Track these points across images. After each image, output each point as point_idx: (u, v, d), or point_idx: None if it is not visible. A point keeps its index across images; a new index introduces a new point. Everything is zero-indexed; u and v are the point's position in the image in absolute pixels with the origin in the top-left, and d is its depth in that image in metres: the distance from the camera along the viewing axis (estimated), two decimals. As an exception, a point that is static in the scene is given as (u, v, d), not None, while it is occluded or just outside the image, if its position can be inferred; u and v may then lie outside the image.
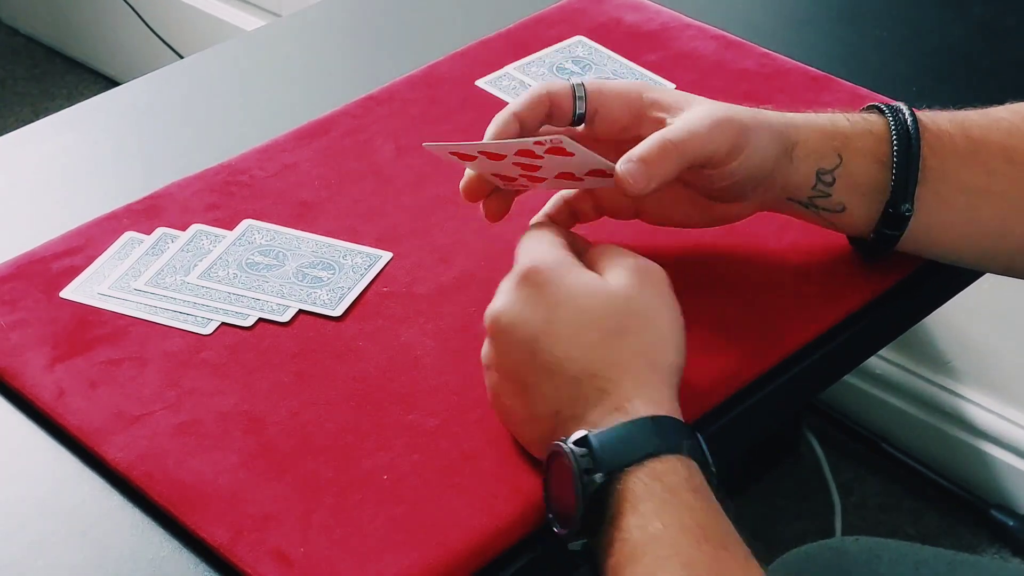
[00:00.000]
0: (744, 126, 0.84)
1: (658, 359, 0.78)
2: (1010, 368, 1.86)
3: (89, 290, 0.92)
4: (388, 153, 1.04)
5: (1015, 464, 1.88)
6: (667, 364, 0.78)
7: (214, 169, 1.02)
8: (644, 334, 0.78)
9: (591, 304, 0.78)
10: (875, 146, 0.88)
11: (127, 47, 2.62)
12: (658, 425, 0.74)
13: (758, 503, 1.93)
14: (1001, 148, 0.89)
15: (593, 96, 0.87)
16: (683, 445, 0.74)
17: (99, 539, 0.79)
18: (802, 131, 0.87)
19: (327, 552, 0.76)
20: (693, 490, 0.72)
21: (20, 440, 0.85)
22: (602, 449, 0.73)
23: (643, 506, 0.71)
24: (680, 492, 0.72)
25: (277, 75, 1.18)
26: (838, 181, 0.88)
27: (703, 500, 0.72)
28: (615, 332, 0.77)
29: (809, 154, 0.87)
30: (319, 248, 0.95)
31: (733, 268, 0.93)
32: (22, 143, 1.10)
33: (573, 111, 0.87)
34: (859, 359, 1.01)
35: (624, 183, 0.81)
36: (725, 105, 0.86)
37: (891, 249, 0.91)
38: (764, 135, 0.85)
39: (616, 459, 0.73)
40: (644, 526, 0.71)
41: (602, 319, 0.78)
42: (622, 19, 1.17)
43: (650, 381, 0.76)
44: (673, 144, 0.82)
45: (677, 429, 0.74)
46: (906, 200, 0.88)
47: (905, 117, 0.89)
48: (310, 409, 0.84)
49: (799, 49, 1.14)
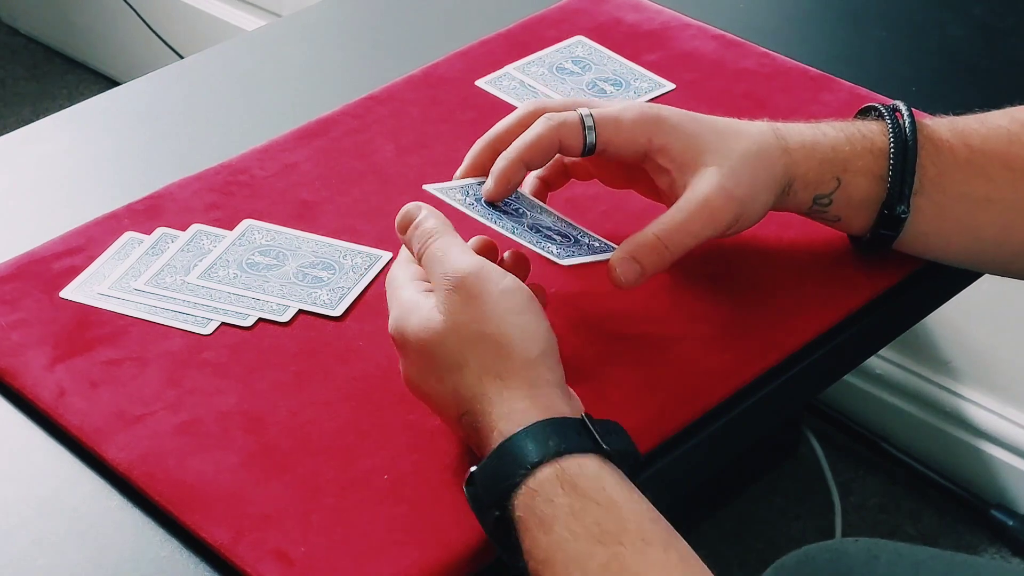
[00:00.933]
0: (742, 202, 0.86)
1: (507, 368, 0.76)
2: (1010, 368, 1.86)
3: (89, 290, 0.92)
4: (388, 153, 1.04)
5: (1015, 464, 1.88)
6: (520, 365, 0.76)
7: (214, 169, 1.02)
8: (479, 354, 0.76)
9: (427, 348, 0.78)
10: (873, 164, 0.88)
11: (127, 47, 2.62)
12: (525, 441, 0.73)
13: (758, 503, 1.93)
14: (1000, 156, 0.89)
15: (604, 130, 0.86)
16: (559, 446, 0.73)
17: (99, 539, 0.79)
18: (801, 166, 0.88)
19: (327, 552, 0.76)
20: (575, 493, 0.71)
21: (20, 440, 0.85)
22: (482, 487, 0.74)
23: (532, 525, 0.72)
24: (558, 502, 0.71)
25: (277, 75, 1.18)
26: (835, 202, 0.89)
27: (588, 499, 0.71)
28: (453, 368, 0.77)
29: (807, 186, 0.88)
30: (319, 248, 0.95)
31: (733, 268, 0.93)
32: (22, 143, 1.10)
33: (583, 143, 0.86)
34: (859, 359, 1.01)
35: (616, 278, 0.84)
36: (728, 173, 0.86)
37: (888, 247, 0.91)
38: (762, 196, 0.87)
39: (496, 492, 0.73)
40: (536, 544, 0.71)
41: (437, 360, 0.77)
42: (622, 19, 1.17)
43: (510, 395, 0.75)
44: (665, 246, 0.84)
45: (547, 433, 0.73)
46: (901, 202, 0.88)
47: (904, 124, 0.89)
48: (310, 409, 0.84)
49: (799, 49, 1.14)
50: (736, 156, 0.86)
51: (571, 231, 0.88)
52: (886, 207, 0.88)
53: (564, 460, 0.72)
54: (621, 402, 0.84)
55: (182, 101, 1.14)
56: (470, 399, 0.76)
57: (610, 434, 0.75)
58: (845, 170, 0.88)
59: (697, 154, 0.86)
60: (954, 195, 0.89)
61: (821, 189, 0.88)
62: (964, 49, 1.17)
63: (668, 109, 0.87)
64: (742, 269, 0.93)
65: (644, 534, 0.71)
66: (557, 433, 0.73)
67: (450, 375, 0.77)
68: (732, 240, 0.94)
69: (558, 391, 0.76)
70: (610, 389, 0.85)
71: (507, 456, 0.73)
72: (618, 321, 0.90)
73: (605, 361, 0.87)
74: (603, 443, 0.74)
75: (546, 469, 0.72)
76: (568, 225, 0.89)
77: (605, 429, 0.75)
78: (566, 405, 0.76)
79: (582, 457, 0.73)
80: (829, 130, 0.89)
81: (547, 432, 0.73)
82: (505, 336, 0.76)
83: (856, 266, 0.94)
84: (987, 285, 1.15)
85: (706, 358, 0.87)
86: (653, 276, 0.85)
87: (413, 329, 0.78)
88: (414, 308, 0.79)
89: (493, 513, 0.74)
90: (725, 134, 0.87)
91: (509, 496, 0.73)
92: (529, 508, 0.72)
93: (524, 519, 0.72)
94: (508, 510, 0.73)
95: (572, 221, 0.89)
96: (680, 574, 0.70)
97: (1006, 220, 0.90)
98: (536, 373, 0.76)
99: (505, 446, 0.73)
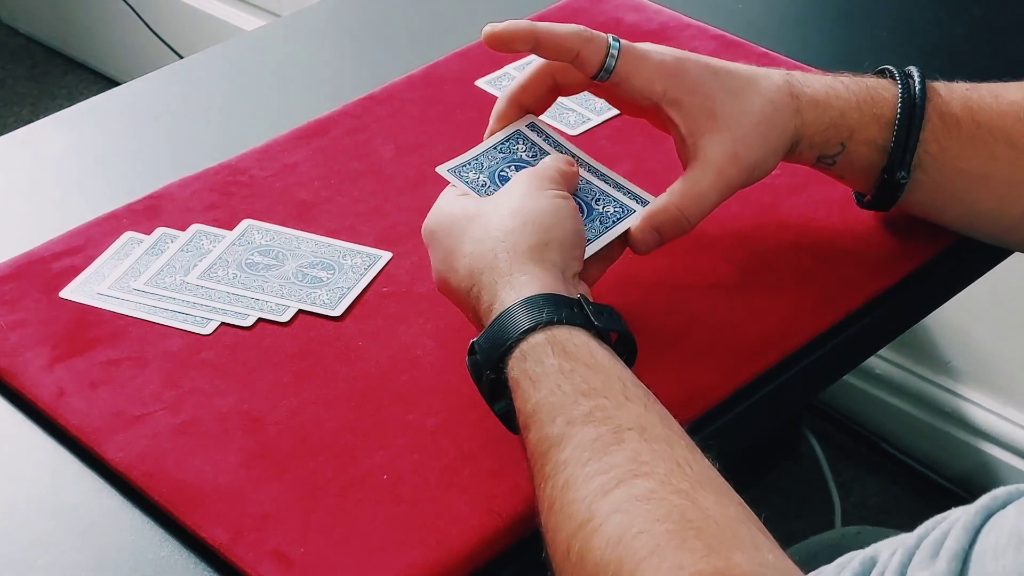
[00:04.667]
0: (754, 166, 0.88)
1: (521, 243, 0.80)
2: (1010, 368, 1.86)
3: (89, 290, 0.92)
4: (388, 153, 1.04)
5: (1015, 464, 1.88)
6: (533, 244, 0.80)
7: (214, 169, 1.02)
8: (502, 229, 0.81)
9: (458, 221, 0.83)
10: (878, 135, 0.90)
11: (127, 47, 2.62)
12: (520, 310, 0.77)
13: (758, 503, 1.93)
14: (1006, 134, 0.90)
15: (625, 63, 0.87)
16: (552, 317, 0.77)
17: (99, 539, 0.79)
18: (810, 128, 0.89)
19: (327, 552, 0.76)
20: (564, 355, 0.76)
21: (20, 440, 0.85)
22: (480, 351, 0.79)
23: (524, 383, 0.76)
24: (547, 362, 0.75)
25: (277, 75, 1.18)
26: (839, 164, 0.91)
27: (577, 360, 0.75)
28: (475, 240, 0.82)
29: (813, 147, 0.90)
30: (319, 248, 0.95)
31: (733, 268, 0.93)
32: (22, 143, 1.10)
33: (600, 65, 0.87)
34: (859, 359, 1.01)
35: (637, 247, 0.88)
36: (740, 139, 0.87)
37: (888, 210, 0.93)
38: (772, 160, 0.89)
39: (492, 357, 0.78)
40: (527, 400, 0.75)
41: (465, 233, 0.83)
42: (622, 19, 1.17)
43: (518, 269, 0.79)
44: (685, 216, 0.87)
45: (541, 305, 0.77)
46: (902, 168, 0.90)
47: (915, 94, 0.90)
48: (310, 409, 0.84)
49: (799, 49, 1.14)
50: (748, 122, 0.88)
51: (587, 196, 0.89)
52: (886, 172, 0.90)
53: (556, 328, 0.77)
54: (621, 402, 0.84)
55: (182, 101, 1.14)
56: (481, 270, 0.80)
57: (603, 314, 0.79)
58: (851, 138, 0.90)
59: (709, 118, 0.87)
60: (952, 171, 0.91)
61: (826, 151, 0.90)
62: (964, 49, 1.17)
63: (693, 61, 0.88)
64: (742, 269, 0.93)
65: (627, 392, 0.74)
66: (551, 305, 0.78)
67: (471, 246, 0.81)
68: (732, 240, 0.95)
69: (561, 274, 0.80)
70: (610, 389, 0.85)
71: (505, 323, 0.78)
72: (618, 321, 0.90)
73: (605, 361, 0.87)
74: (595, 320, 0.78)
75: (538, 335, 0.77)
76: (586, 187, 0.89)
77: (599, 311, 0.79)
78: (565, 287, 0.80)
79: (573, 328, 0.77)
80: (843, 90, 0.90)
81: (541, 304, 0.78)
82: (533, 216, 0.81)
83: (856, 266, 0.94)
84: (987, 285, 1.15)
85: (707, 357, 0.87)
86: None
87: (447, 209, 0.84)
88: (450, 201, 0.85)
89: (488, 375, 0.78)
90: (741, 95, 0.88)
91: (504, 359, 0.77)
92: (522, 369, 0.76)
93: (517, 379, 0.76)
94: (503, 372, 0.77)
95: (590, 175, 0.90)
96: (659, 427, 0.73)
97: (1002, 195, 0.91)
98: (545, 255, 0.80)
99: (503, 315, 0.78)
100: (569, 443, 0.72)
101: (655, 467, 0.69)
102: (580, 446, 0.72)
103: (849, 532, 1.13)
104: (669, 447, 0.71)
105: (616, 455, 0.71)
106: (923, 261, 0.95)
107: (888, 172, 0.90)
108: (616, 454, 0.71)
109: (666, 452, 0.71)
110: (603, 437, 0.72)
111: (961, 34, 1.19)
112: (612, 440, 0.71)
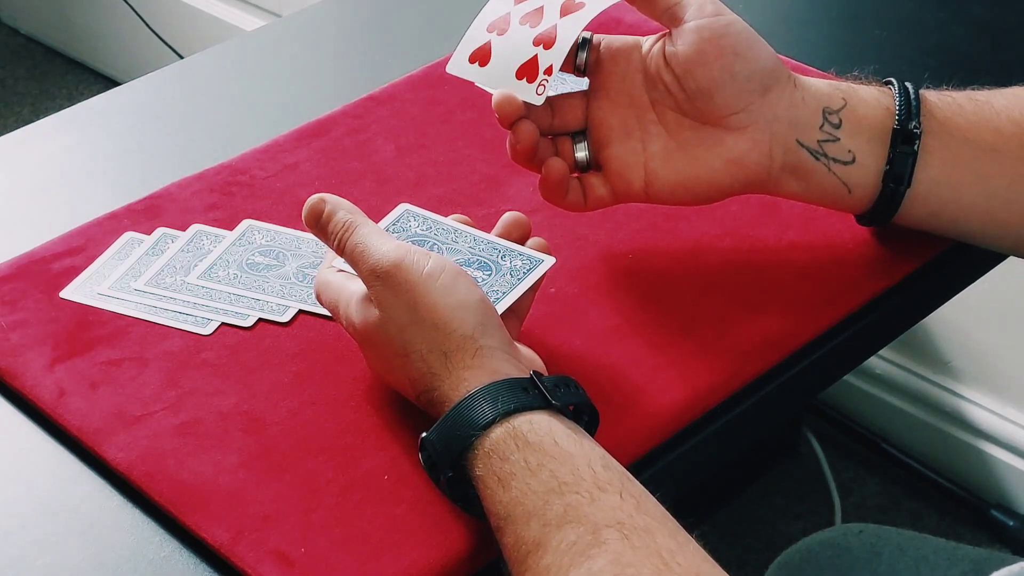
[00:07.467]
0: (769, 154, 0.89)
1: (448, 344, 0.77)
2: (1010, 368, 1.86)
3: (89, 290, 0.92)
4: (388, 153, 1.04)
5: (1015, 464, 1.88)
6: (460, 339, 0.77)
7: (214, 169, 1.02)
8: (420, 338, 0.78)
9: (372, 341, 0.81)
10: (879, 95, 0.90)
11: (127, 47, 2.62)
12: (474, 403, 0.75)
13: (758, 503, 1.93)
14: (1006, 111, 0.91)
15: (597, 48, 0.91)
16: (509, 405, 0.74)
17: (99, 539, 0.79)
18: (803, 78, 0.90)
19: (327, 552, 0.76)
20: (528, 447, 0.73)
21: (20, 440, 0.85)
22: (435, 451, 0.76)
23: (491, 482, 0.74)
24: (512, 458, 0.73)
25: (277, 75, 1.18)
26: (844, 124, 0.89)
27: (542, 452, 0.73)
28: (400, 354, 0.79)
29: (814, 94, 0.90)
30: (319, 248, 0.94)
31: (733, 268, 0.93)
32: (22, 143, 1.10)
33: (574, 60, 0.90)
34: (859, 359, 1.01)
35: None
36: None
37: (899, 202, 0.90)
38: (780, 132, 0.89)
39: (449, 455, 0.75)
40: (497, 501, 0.73)
41: (385, 350, 0.80)
42: (622, 19, 1.17)
43: (456, 367, 0.77)
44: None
45: (495, 394, 0.75)
46: (912, 119, 0.89)
47: (906, 83, 0.91)
48: (310, 409, 0.84)
49: (798, 49, 1.14)
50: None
51: (491, 255, 0.86)
52: (899, 123, 0.89)
53: (515, 419, 0.74)
54: (621, 403, 0.84)
55: (182, 101, 1.14)
56: (421, 379, 0.78)
57: (559, 388, 0.77)
58: (850, 95, 0.90)
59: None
60: (961, 139, 0.90)
61: (829, 103, 0.89)
62: (964, 49, 1.17)
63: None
64: (742, 269, 0.93)
65: (599, 481, 0.72)
66: (505, 393, 0.75)
67: (399, 360, 0.79)
68: (732, 240, 0.95)
69: (501, 354, 0.78)
70: (609, 390, 0.85)
71: (459, 420, 0.75)
72: (616, 322, 0.90)
73: (604, 361, 0.87)
74: (552, 398, 0.76)
75: (498, 429, 0.74)
76: (487, 247, 0.86)
77: (555, 384, 0.77)
78: (512, 367, 0.77)
79: (532, 414, 0.75)
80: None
81: (495, 393, 0.75)
82: (439, 316, 0.78)
83: (856, 266, 0.94)
84: (987, 285, 1.15)
85: (706, 358, 0.87)
86: None
87: (357, 324, 0.81)
88: (349, 301, 0.82)
89: (446, 473, 0.76)
90: None
91: (463, 456, 0.75)
92: (487, 467, 0.74)
93: (483, 478, 0.74)
94: (464, 470, 0.75)
95: (492, 237, 0.87)
96: (637, 518, 0.71)
97: (1015, 172, 0.90)
98: (477, 343, 0.77)
99: (454, 411, 0.75)
100: (548, 550, 0.70)
101: (640, 570, 0.68)
102: (559, 551, 0.70)
103: (852, 530, 1.13)
104: (651, 539, 0.70)
105: (598, 559, 0.69)
106: (923, 262, 0.95)
107: (901, 123, 0.89)
108: (597, 558, 0.69)
109: (649, 546, 0.69)
110: (582, 539, 0.70)
111: (961, 34, 1.19)
112: (592, 542, 0.69)
